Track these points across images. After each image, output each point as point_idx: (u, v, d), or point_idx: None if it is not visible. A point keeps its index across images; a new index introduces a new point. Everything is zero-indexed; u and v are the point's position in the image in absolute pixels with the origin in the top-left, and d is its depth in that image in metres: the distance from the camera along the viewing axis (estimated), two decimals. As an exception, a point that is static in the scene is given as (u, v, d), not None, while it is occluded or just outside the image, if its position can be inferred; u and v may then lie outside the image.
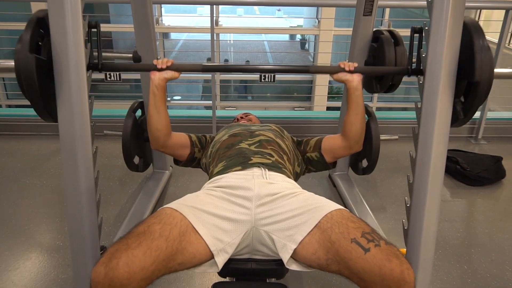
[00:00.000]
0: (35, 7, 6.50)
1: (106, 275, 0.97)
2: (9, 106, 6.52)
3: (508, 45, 6.36)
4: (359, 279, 1.03)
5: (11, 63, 1.22)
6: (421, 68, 1.37)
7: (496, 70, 1.28)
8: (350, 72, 1.49)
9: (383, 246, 1.04)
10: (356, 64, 1.50)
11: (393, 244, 1.07)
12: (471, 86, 1.29)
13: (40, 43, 1.26)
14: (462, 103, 1.35)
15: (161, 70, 1.45)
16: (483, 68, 1.23)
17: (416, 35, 1.47)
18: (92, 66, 1.39)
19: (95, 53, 1.45)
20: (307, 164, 1.64)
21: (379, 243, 1.04)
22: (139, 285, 1.00)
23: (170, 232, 1.08)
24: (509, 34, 3.10)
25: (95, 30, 1.41)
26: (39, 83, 1.22)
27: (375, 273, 0.99)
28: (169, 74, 1.46)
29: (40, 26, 1.25)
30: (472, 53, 1.24)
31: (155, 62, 1.46)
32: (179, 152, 1.63)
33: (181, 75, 1.50)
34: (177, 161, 1.71)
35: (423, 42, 1.38)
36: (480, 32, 1.25)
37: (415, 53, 1.48)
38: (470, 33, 1.26)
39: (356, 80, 1.49)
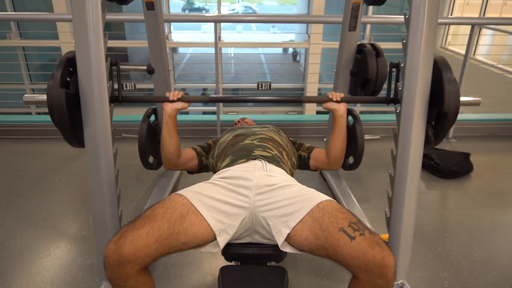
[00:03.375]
0: (60, 27, 6.49)
1: (115, 251, 1.00)
2: (38, 113, 6.51)
3: (474, 56, 6.37)
4: (346, 264, 1.03)
5: (44, 97, 1.25)
6: (398, 97, 1.39)
7: (462, 98, 1.31)
8: (337, 102, 1.52)
9: (367, 235, 1.03)
10: (342, 95, 1.53)
11: (376, 233, 1.06)
12: (440, 115, 1.31)
13: (68, 79, 1.28)
14: (433, 127, 1.37)
15: (173, 101, 1.47)
16: (451, 100, 1.26)
17: (394, 69, 1.50)
18: (113, 99, 1.43)
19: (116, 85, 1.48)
20: (297, 160, 1.67)
21: (363, 232, 1.04)
22: (144, 261, 1.02)
23: (171, 214, 1.10)
24: (474, 47, 3.10)
25: (115, 67, 1.45)
26: (68, 114, 1.24)
27: (359, 259, 0.99)
28: (179, 105, 1.48)
29: (69, 65, 1.27)
30: (441, 86, 1.26)
31: (167, 94, 1.48)
32: (189, 166, 1.64)
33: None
34: (190, 172, 1.70)
35: (399, 75, 1.41)
36: (448, 68, 1.28)
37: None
38: (440, 69, 1.28)
39: (342, 109, 1.53)
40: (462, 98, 1.30)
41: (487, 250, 1.91)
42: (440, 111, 1.28)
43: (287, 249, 1.16)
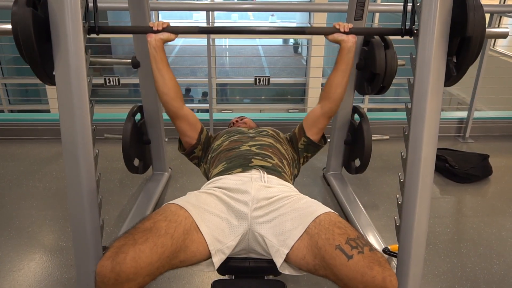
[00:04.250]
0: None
1: (112, 269, 0.95)
2: (11, 111, 6.49)
3: (493, 47, 6.40)
4: (344, 285, 1.03)
5: (8, 25, 1.17)
6: (415, 27, 1.33)
7: (488, 29, 1.25)
8: (345, 33, 1.47)
9: (367, 253, 1.02)
10: (351, 25, 1.48)
11: (378, 251, 1.06)
12: (463, 42, 1.26)
13: (37, 5, 1.20)
14: (454, 62, 1.32)
15: (157, 32, 1.43)
16: (475, 23, 1.20)
17: None
18: (89, 30, 1.34)
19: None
20: (303, 153, 1.65)
21: (362, 250, 1.03)
22: (144, 280, 0.99)
23: (175, 229, 1.08)
24: (494, 37, 3.12)
25: None
26: (36, 39, 1.16)
27: (357, 280, 0.98)
28: (165, 35, 1.44)
29: None
30: (465, 10, 1.21)
31: (151, 24, 1.43)
32: (187, 132, 1.59)
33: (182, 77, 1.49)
34: (180, 146, 1.68)
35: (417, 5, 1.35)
36: None
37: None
38: None
39: (351, 41, 1.48)
40: (488, 29, 1.26)
41: (507, 261, 1.92)
42: (463, 37, 1.24)
43: (286, 271, 1.16)
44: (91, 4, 1.35)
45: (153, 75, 1.47)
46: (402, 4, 1.42)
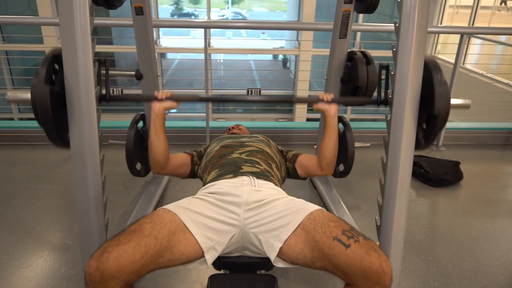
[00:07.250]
0: (45, 31, 6.45)
1: (97, 268, 0.95)
2: (21, 119, 6.42)
3: (463, 65, 6.51)
4: (343, 273, 1.03)
5: (28, 95, 1.22)
6: (389, 99, 1.40)
7: (452, 101, 1.31)
8: (328, 102, 1.52)
9: (362, 241, 1.03)
10: (332, 95, 1.53)
11: (371, 239, 1.07)
12: (431, 118, 1.31)
13: (54, 77, 1.25)
14: (423, 130, 1.38)
15: (161, 100, 1.45)
16: (441, 103, 1.26)
17: (384, 71, 1.51)
18: (101, 98, 1.38)
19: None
20: (286, 171, 1.65)
21: (358, 239, 1.04)
22: (128, 278, 0.98)
23: (159, 231, 1.07)
24: (463, 56, 3.17)
25: (103, 66, 1.43)
26: (52, 112, 1.20)
27: (356, 266, 0.99)
28: (168, 104, 1.46)
29: (55, 62, 1.25)
30: (432, 88, 1.27)
31: (156, 93, 1.45)
32: (179, 171, 1.59)
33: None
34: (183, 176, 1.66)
35: (390, 77, 1.41)
36: (438, 69, 1.28)
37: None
38: (430, 71, 1.29)
39: (333, 110, 1.52)
40: (452, 101, 1.31)
41: (477, 258, 1.94)
42: (431, 114, 1.29)
43: (280, 264, 1.15)
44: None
45: (149, 138, 1.47)
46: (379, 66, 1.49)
